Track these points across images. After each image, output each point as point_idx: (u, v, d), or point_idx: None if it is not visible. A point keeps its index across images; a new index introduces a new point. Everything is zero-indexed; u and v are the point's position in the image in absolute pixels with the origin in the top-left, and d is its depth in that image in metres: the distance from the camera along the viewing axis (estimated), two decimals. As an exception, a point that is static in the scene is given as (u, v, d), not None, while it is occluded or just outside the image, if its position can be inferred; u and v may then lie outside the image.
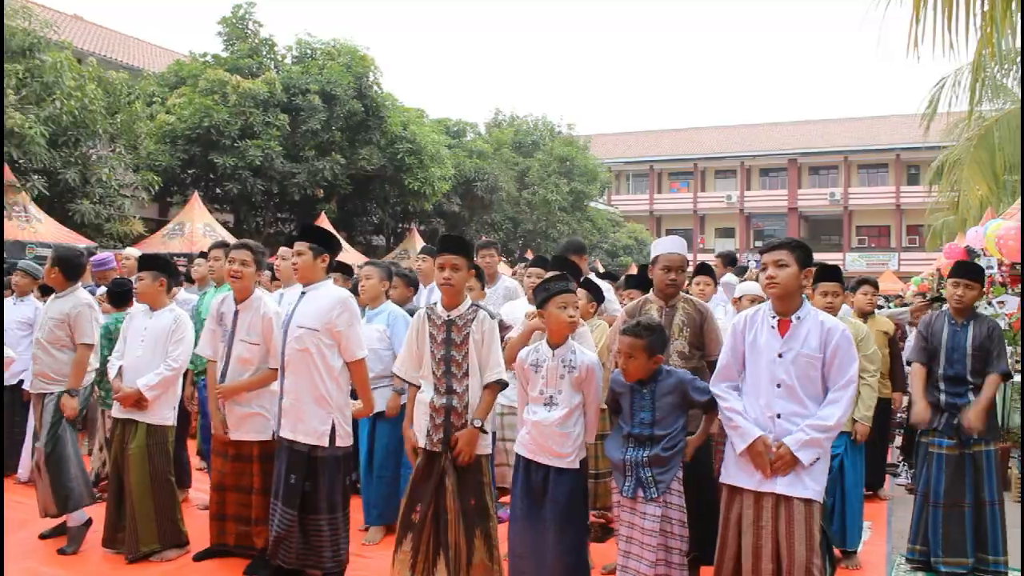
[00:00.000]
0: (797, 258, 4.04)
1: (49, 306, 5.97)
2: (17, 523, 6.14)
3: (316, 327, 4.92)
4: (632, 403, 4.35)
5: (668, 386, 4.30)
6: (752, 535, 4.00)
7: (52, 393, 5.79)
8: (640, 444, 4.28)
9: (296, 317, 5.00)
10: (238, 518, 5.34)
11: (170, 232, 17.57)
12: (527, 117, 35.04)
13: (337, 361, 4.98)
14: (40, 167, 15.54)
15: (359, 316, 5.14)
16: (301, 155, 20.65)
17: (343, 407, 5.02)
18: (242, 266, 5.37)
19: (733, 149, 51.37)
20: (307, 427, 4.90)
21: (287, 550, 4.92)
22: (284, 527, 4.89)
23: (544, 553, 4.35)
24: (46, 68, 15.94)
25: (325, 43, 22.68)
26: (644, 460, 4.23)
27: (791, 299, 4.07)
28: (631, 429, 4.33)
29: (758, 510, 4.00)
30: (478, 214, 28.16)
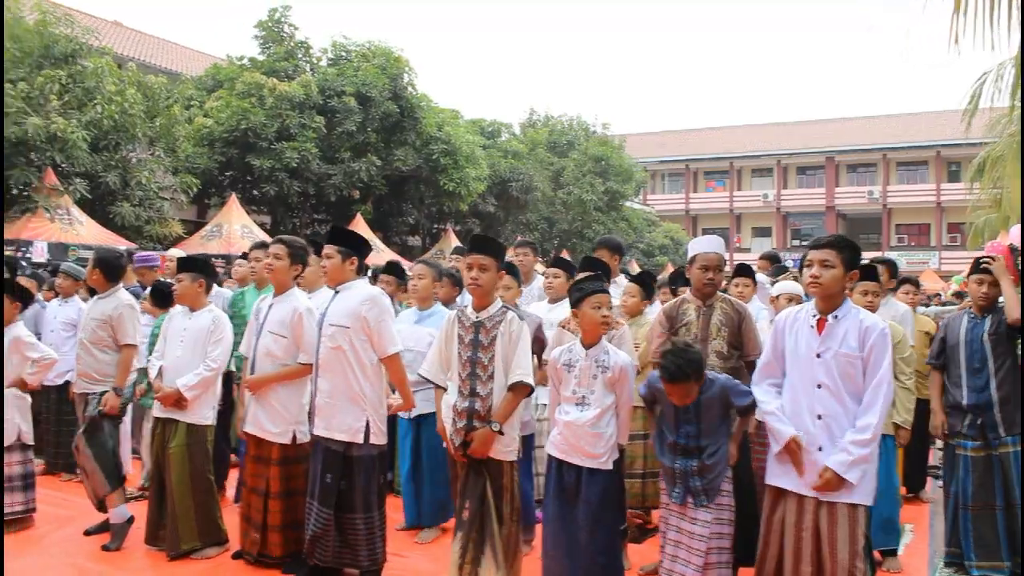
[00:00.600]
0: (844, 259, 3.97)
1: (91, 307, 6.03)
2: (63, 520, 6.24)
3: (347, 324, 4.93)
4: (676, 415, 4.30)
5: (712, 398, 4.23)
6: (794, 537, 3.96)
7: (95, 393, 5.85)
8: (688, 454, 4.25)
9: (329, 316, 5.02)
10: (254, 524, 5.31)
11: (208, 234, 17.76)
12: (562, 117, 35.01)
13: (371, 358, 4.98)
14: (82, 171, 15.79)
15: (391, 312, 5.12)
16: (337, 156, 20.77)
17: (377, 405, 5.02)
18: (275, 259, 5.39)
19: (769, 147, 50.93)
20: (341, 424, 4.90)
21: (324, 549, 4.92)
22: (320, 526, 4.90)
23: (577, 554, 4.32)
24: (87, 74, 16.20)
25: (360, 45, 22.82)
26: (693, 469, 4.20)
27: (832, 299, 4.02)
28: (676, 439, 4.28)
29: (800, 512, 3.96)
30: (513, 214, 28.16)
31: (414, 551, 5.68)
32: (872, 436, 3.82)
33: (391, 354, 5.01)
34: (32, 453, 6.26)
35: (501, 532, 4.38)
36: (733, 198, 52.08)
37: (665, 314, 5.16)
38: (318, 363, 5.02)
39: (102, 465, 5.73)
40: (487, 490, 4.41)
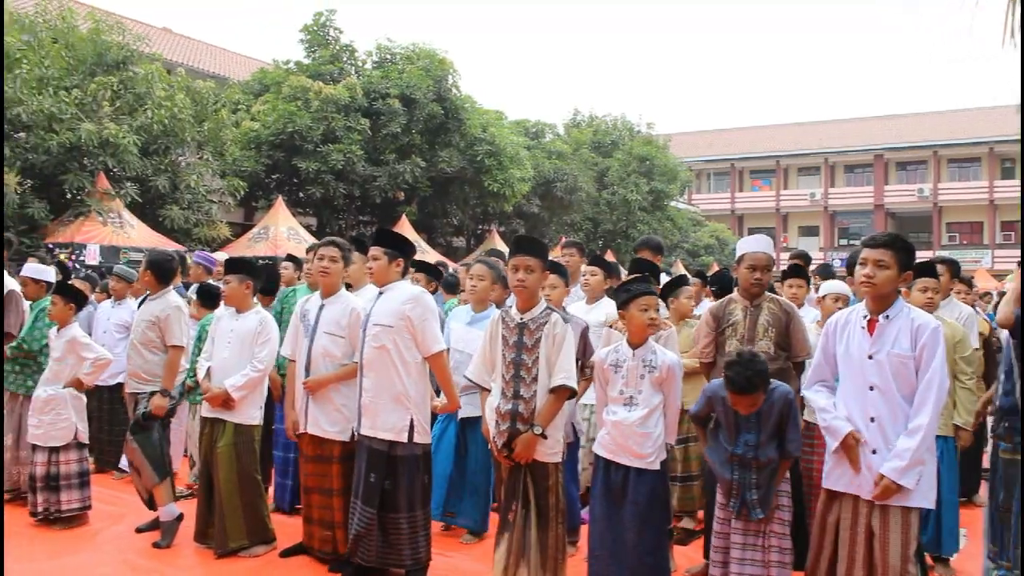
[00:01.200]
0: (898, 260, 3.89)
1: (142, 308, 6.13)
2: (115, 517, 6.36)
3: (391, 323, 4.97)
4: (736, 424, 4.25)
5: (772, 407, 4.18)
6: (848, 540, 3.91)
7: (145, 393, 5.95)
8: (745, 466, 4.20)
9: (373, 316, 5.06)
10: (322, 522, 5.38)
11: (255, 236, 17.95)
12: (606, 117, 34.84)
13: (415, 357, 5.01)
14: (133, 175, 16.05)
15: (435, 311, 5.13)
16: (382, 158, 20.88)
17: (421, 404, 5.05)
18: (331, 263, 5.45)
19: (816, 145, 50.30)
20: (385, 423, 4.94)
21: (367, 548, 4.96)
22: (363, 525, 4.94)
23: (623, 554, 4.31)
24: (138, 80, 16.48)
25: (404, 47, 22.91)
26: (752, 483, 4.17)
27: (884, 299, 3.95)
28: (734, 449, 4.23)
29: (855, 515, 3.90)
30: (558, 215, 28.10)
31: (459, 551, 5.69)
32: (924, 437, 3.75)
33: (435, 353, 5.03)
34: (87, 451, 6.37)
35: (547, 534, 4.37)
36: (779, 197, 51.51)
37: (712, 314, 5.13)
38: (362, 362, 5.06)
39: (150, 458, 5.82)
40: (529, 493, 4.41)
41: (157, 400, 5.89)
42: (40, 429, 6.15)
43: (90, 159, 15.19)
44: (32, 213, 14.24)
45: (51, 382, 6.26)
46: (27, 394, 6.50)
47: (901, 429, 3.83)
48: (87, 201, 14.91)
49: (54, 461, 6.11)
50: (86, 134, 14.54)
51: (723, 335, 4.99)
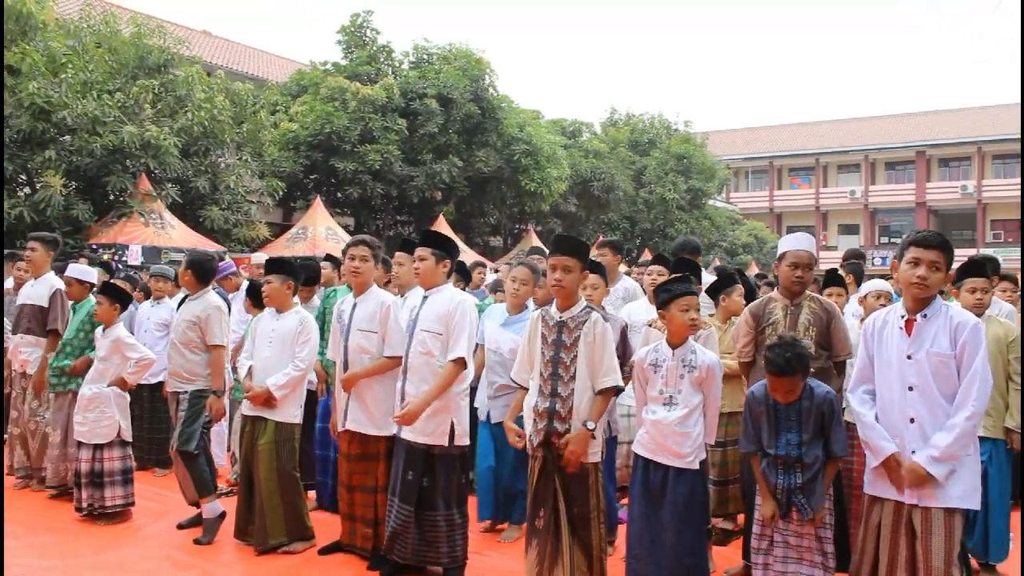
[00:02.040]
0: (947, 262, 3.84)
1: (183, 308, 6.20)
2: (157, 513, 6.44)
3: (440, 330, 5.01)
4: (778, 422, 4.20)
5: (814, 407, 4.13)
6: (889, 543, 3.85)
7: (186, 392, 6.01)
8: (789, 468, 4.15)
9: (420, 321, 5.09)
10: (364, 519, 5.40)
11: (294, 236, 18.09)
12: (643, 115, 34.71)
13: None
14: (174, 176, 16.26)
15: (473, 321, 5.13)
16: (419, 158, 20.96)
17: (462, 408, 5.08)
18: (361, 262, 5.49)
19: (856, 142, 49.69)
20: (426, 428, 4.96)
21: (403, 545, 4.98)
22: (400, 523, 4.96)
23: (662, 554, 4.27)
24: (179, 82, 16.70)
25: (441, 48, 22.99)
26: (796, 486, 4.11)
27: (925, 299, 3.89)
28: (776, 451, 4.18)
29: (897, 519, 3.85)
30: (595, 214, 28.06)
31: (496, 550, 5.69)
32: (961, 434, 3.68)
33: (456, 358, 5.02)
34: (130, 449, 6.45)
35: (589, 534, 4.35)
36: (819, 195, 50.96)
37: (751, 313, 5.07)
38: (407, 366, 5.08)
39: (196, 480, 5.91)
40: (559, 498, 4.39)
41: (214, 403, 5.96)
42: (85, 427, 6.24)
43: (132, 161, 15.41)
44: (77, 214, 14.48)
45: (96, 381, 6.35)
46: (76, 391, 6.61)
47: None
48: (129, 202, 15.13)
49: (98, 458, 6.20)
50: (128, 136, 14.74)
51: (763, 334, 4.94)
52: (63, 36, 15.93)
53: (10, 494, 6.94)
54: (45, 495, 6.86)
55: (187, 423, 5.93)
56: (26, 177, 15.23)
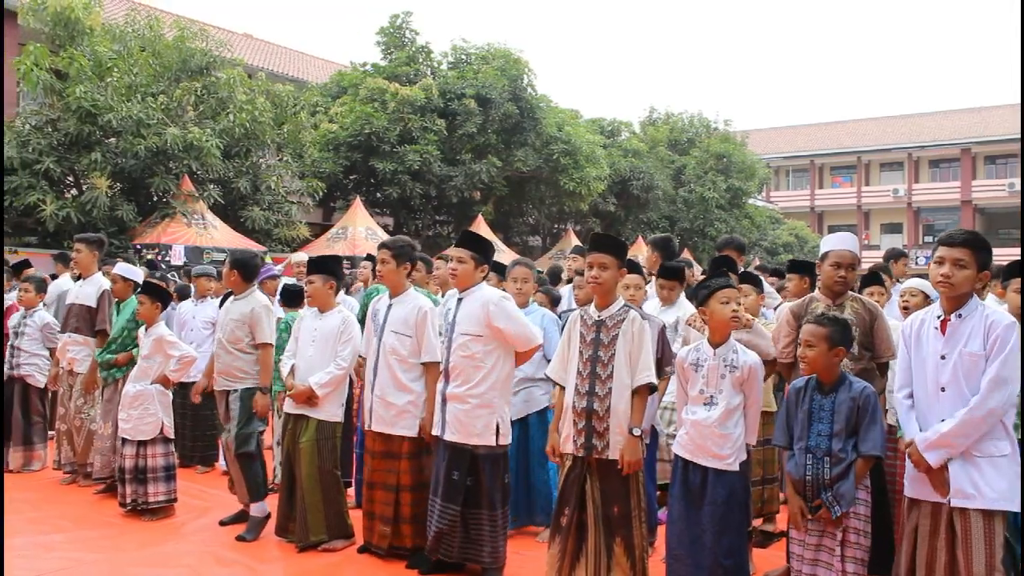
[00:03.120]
0: (978, 260, 3.77)
1: (229, 308, 6.24)
2: (200, 510, 6.52)
3: (480, 332, 5.03)
4: (810, 412, 4.17)
5: (851, 397, 4.09)
6: (927, 547, 3.80)
7: (236, 390, 6.07)
8: (818, 461, 4.10)
9: (459, 324, 5.10)
10: (382, 517, 5.42)
11: (334, 236, 18.22)
12: (682, 114, 34.51)
13: (500, 362, 5.06)
14: (215, 177, 16.47)
15: (515, 313, 5.14)
16: (458, 158, 21.02)
17: (505, 406, 5.09)
18: (382, 264, 5.54)
19: (900, 140, 49.00)
20: (473, 429, 4.98)
21: (449, 545, 5.00)
22: (446, 523, 4.97)
23: (701, 556, 4.24)
24: (221, 84, 16.90)
25: (480, 48, 23.05)
26: (826, 480, 4.07)
27: (959, 299, 3.82)
28: (807, 442, 4.15)
29: (935, 522, 3.79)
30: (634, 213, 27.97)
31: (532, 550, 5.68)
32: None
33: (529, 349, 5.12)
34: (173, 446, 6.54)
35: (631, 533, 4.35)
36: (861, 194, 50.36)
37: (792, 313, 5.02)
38: (447, 368, 5.10)
39: (249, 482, 6.00)
40: (588, 498, 4.39)
41: (260, 399, 6.03)
42: (129, 423, 6.34)
43: (175, 162, 15.62)
44: (122, 215, 14.70)
45: (139, 379, 6.45)
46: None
47: None
48: (172, 203, 15.33)
49: (142, 454, 6.30)
50: (171, 138, 14.94)
51: (804, 334, 4.89)
52: (109, 41, 16.19)
53: (58, 489, 7.09)
54: (91, 490, 6.99)
55: (242, 425, 6.00)
56: (73, 179, 15.49)
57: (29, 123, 15.19)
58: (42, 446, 7.75)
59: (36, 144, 14.54)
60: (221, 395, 6.16)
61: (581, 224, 26.64)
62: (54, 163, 14.42)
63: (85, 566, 5.25)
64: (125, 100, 14.99)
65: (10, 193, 14.05)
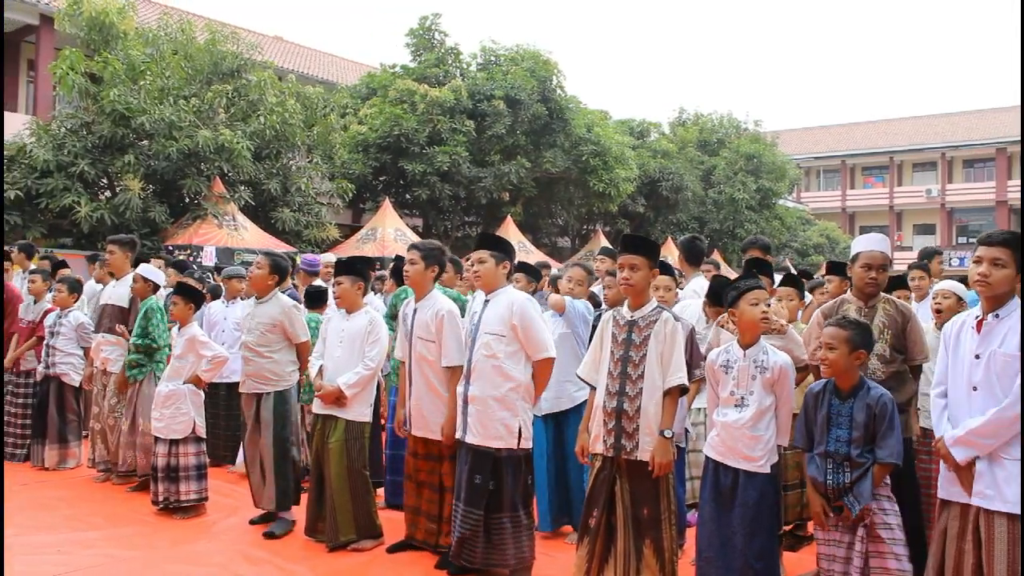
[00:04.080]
0: (1017, 259, 3.72)
1: (256, 311, 6.26)
2: (230, 509, 6.57)
3: (503, 332, 5.02)
4: (829, 417, 4.15)
5: (872, 401, 4.07)
6: (955, 549, 3.76)
7: (268, 393, 6.12)
8: (838, 466, 4.09)
9: (482, 324, 5.11)
10: (429, 515, 5.47)
11: (363, 237, 18.32)
12: (712, 115, 34.38)
13: (522, 364, 5.05)
14: (246, 179, 16.62)
15: (537, 317, 5.13)
16: (487, 160, 21.07)
17: (527, 409, 5.08)
18: (410, 265, 5.56)
19: (933, 140, 48.42)
20: (495, 431, 4.98)
21: (471, 551, 4.99)
22: (468, 528, 4.97)
23: (732, 558, 4.22)
24: (251, 87, 17.06)
25: (509, 49, 23.09)
26: (846, 485, 4.05)
27: (998, 299, 3.78)
28: (826, 447, 4.13)
29: (963, 523, 3.75)
30: (663, 214, 27.89)
31: (563, 552, 5.67)
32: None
33: (542, 358, 5.07)
34: (204, 445, 6.61)
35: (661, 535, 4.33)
36: (893, 194, 49.81)
37: (823, 315, 4.98)
38: (469, 370, 5.11)
39: (279, 488, 6.04)
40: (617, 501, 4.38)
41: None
42: (161, 422, 6.41)
43: (206, 164, 15.77)
44: (154, 216, 14.88)
45: (172, 378, 6.52)
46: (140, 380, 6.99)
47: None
48: (204, 204, 15.49)
49: (174, 453, 6.37)
50: (203, 140, 15.09)
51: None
52: (142, 44, 16.40)
53: (92, 487, 7.19)
54: (124, 488, 7.08)
55: (279, 428, 6.06)
56: (107, 181, 15.69)
57: (65, 126, 15.41)
58: (76, 444, 7.86)
59: (71, 147, 14.75)
60: (251, 398, 6.19)
61: (610, 225, 26.61)
62: (88, 165, 14.62)
63: (120, 563, 5.32)
64: (158, 103, 15.17)
65: (46, 195, 14.27)
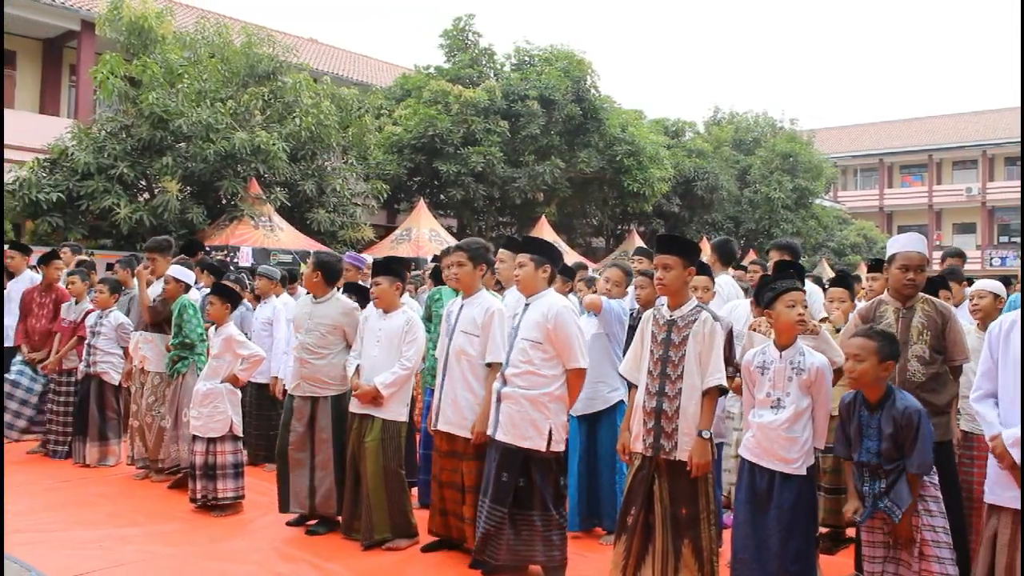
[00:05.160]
0: None
1: (314, 311, 6.22)
2: (266, 507, 6.62)
3: (539, 339, 5.01)
4: (860, 428, 4.13)
5: (897, 414, 4.03)
6: (1007, 555, 3.70)
7: (325, 398, 6.11)
8: (873, 475, 4.08)
9: (521, 330, 5.10)
10: (456, 515, 5.47)
11: (398, 237, 18.41)
12: (747, 114, 34.23)
13: (556, 370, 5.04)
14: (282, 180, 16.75)
15: (574, 326, 5.09)
16: (521, 160, 21.08)
17: (560, 414, 5.06)
18: (458, 267, 5.58)
19: (973, 137, 47.69)
20: (525, 433, 4.96)
21: (496, 547, 4.97)
22: (492, 524, 4.96)
23: (767, 560, 4.18)
24: (287, 89, 17.20)
25: (542, 49, 23.10)
26: (880, 491, 4.04)
27: None
28: (859, 457, 4.12)
29: (1015, 529, 3.70)
30: (698, 214, 27.75)
31: (597, 552, 5.66)
32: None
33: (575, 368, 5.05)
34: (241, 444, 6.67)
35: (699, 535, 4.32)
36: (932, 193, 49.16)
37: (861, 317, 4.93)
38: (505, 373, 5.11)
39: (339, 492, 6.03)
40: (656, 499, 4.37)
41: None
42: (199, 421, 6.48)
43: (243, 166, 15.92)
44: (191, 218, 15.05)
45: (209, 377, 6.59)
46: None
47: None
48: (240, 206, 15.64)
49: (211, 451, 6.43)
50: (239, 142, 15.24)
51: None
52: (180, 48, 16.61)
53: (131, 484, 7.29)
54: (163, 485, 7.17)
55: (340, 433, 6.05)
56: (145, 183, 15.90)
57: (105, 129, 15.64)
58: (116, 441, 7.98)
59: (111, 150, 14.97)
60: (305, 401, 6.15)
61: (645, 225, 26.52)
62: (128, 168, 14.82)
63: (159, 559, 5.39)
64: (195, 106, 15.35)
65: (87, 197, 14.49)
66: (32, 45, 21.72)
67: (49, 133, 16.34)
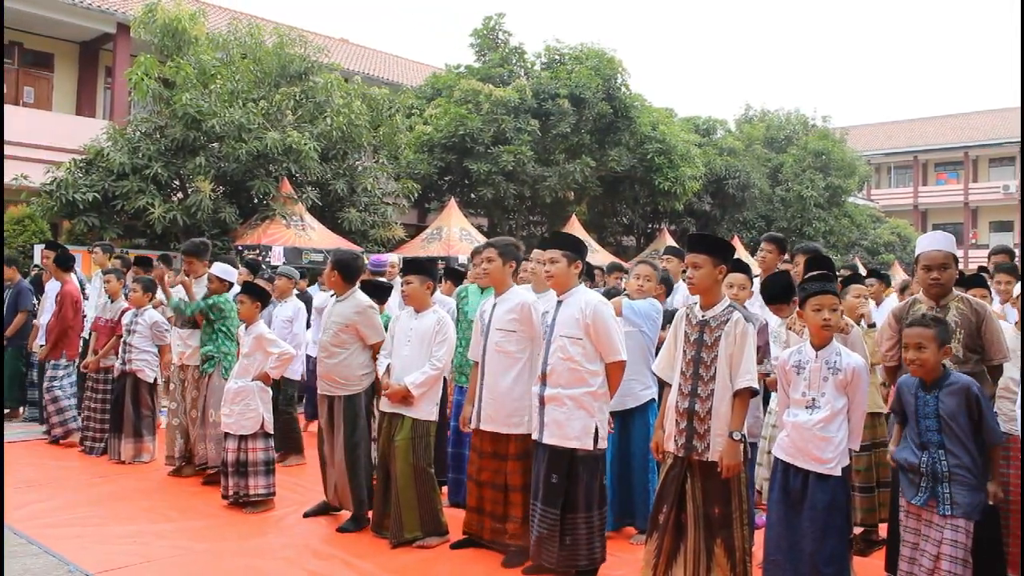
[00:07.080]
0: None
1: (334, 309, 6.32)
2: (298, 503, 6.68)
3: (578, 335, 5.00)
4: (916, 409, 4.10)
5: (953, 391, 4.01)
6: None
7: (339, 397, 6.17)
8: (935, 454, 4.03)
9: (557, 327, 5.09)
10: (493, 515, 5.47)
11: (429, 236, 18.45)
12: (779, 111, 33.96)
13: (598, 366, 5.03)
14: (313, 179, 16.84)
15: (611, 319, 5.10)
16: (551, 159, 21.06)
17: (604, 409, 5.06)
18: (488, 263, 5.59)
19: (1011, 134, 46.91)
20: (572, 432, 4.96)
21: (549, 551, 4.98)
22: (546, 527, 4.96)
23: (800, 561, 4.17)
24: (318, 89, 17.28)
25: (573, 48, 23.05)
26: (944, 474, 3.97)
27: None
28: (919, 438, 4.08)
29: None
30: (729, 212, 27.59)
31: (628, 552, 5.64)
32: None
33: (615, 361, 5.05)
34: (273, 441, 6.73)
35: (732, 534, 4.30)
36: (968, 190, 48.50)
37: (895, 315, 4.90)
38: (545, 372, 5.10)
39: (353, 492, 6.11)
40: (688, 498, 4.36)
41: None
42: (231, 418, 6.55)
43: (275, 166, 16.02)
44: (224, 217, 15.17)
45: (241, 375, 6.66)
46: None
47: None
48: (272, 205, 15.74)
49: (243, 448, 6.50)
50: (271, 142, 15.34)
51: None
52: (213, 49, 16.75)
53: (166, 480, 7.39)
54: (196, 481, 7.26)
55: (350, 433, 6.12)
56: (179, 183, 16.04)
57: (139, 130, 15.81)
58: (151, 438, 8.07)
59: (146, 150, 15.13)
60: (324, 399, 6.25)
61: (676, 224, 26.41)
62: (162, 168, 14.97)
63: (193, 555, 5.45)
64: (228, 106, 15.46)
65: (121, 197, 14.66)
66: (69, 48, 22.03)
67: (85, 134, 16.55)
